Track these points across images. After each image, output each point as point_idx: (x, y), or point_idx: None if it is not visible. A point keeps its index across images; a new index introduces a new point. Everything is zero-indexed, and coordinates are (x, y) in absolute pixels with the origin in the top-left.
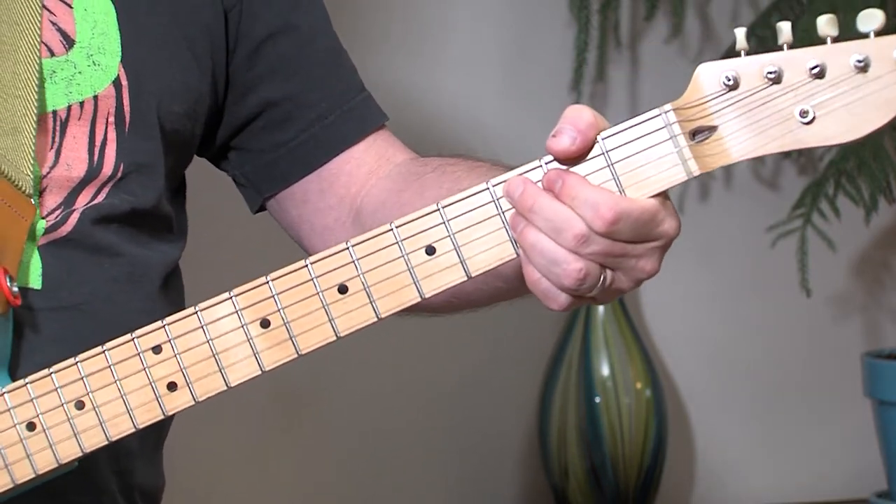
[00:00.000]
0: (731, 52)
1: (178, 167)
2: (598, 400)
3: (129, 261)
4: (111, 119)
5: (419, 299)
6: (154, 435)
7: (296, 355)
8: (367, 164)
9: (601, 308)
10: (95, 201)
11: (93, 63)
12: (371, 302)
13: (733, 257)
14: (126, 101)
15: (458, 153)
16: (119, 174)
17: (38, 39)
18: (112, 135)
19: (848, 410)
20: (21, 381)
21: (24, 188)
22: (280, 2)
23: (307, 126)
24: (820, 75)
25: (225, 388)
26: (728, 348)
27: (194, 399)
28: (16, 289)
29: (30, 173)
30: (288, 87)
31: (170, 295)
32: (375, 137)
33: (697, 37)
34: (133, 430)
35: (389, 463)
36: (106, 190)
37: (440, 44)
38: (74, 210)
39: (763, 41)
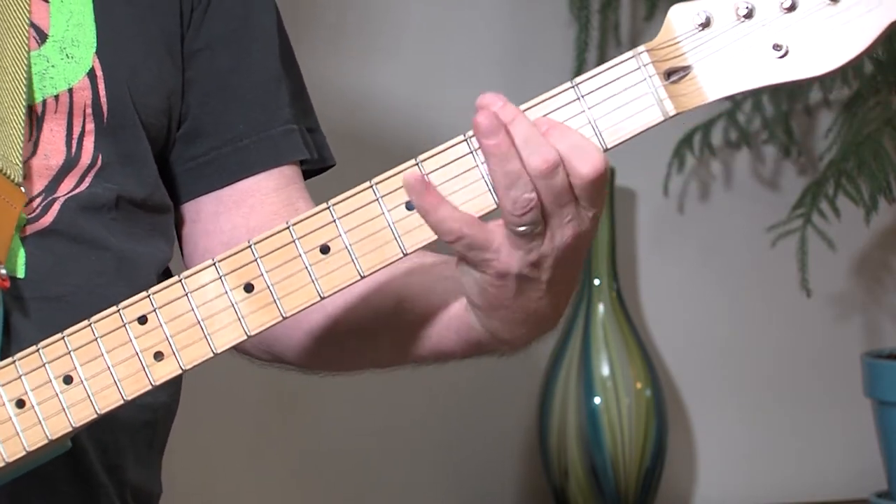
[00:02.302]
0: None
1: (160, 162)
2: (598, 400)
3: (116, 255)
4: (88, 111)
5: (401, 255)
6: (146, 432)
7: (280, 318)
8: (274, 204)
9: (601, 308)
10: (78, 190)
11: (66, 56)
12: (353, 260)
13: (733, 257)
14: (102, 92)
15: None
16: (99, 163)
17: (27, 33)
18: (90, 126)
19: (848, 410)
20: (9, 359)
21: (12, 177)
22: (231, 17)
23: (219, 145)
24: (792, 8)
25: (211, 354)
26: (728, 348)
27: (181, 367)
28: (3, 271)
29: (18, 162)
30: (210, 101)
31: None
32: (288, 181)
33: None
34: (121, 401)
35: (389, 463)
36: (89, 179)
37: (440, 44)
38: (56, 199)
39: None
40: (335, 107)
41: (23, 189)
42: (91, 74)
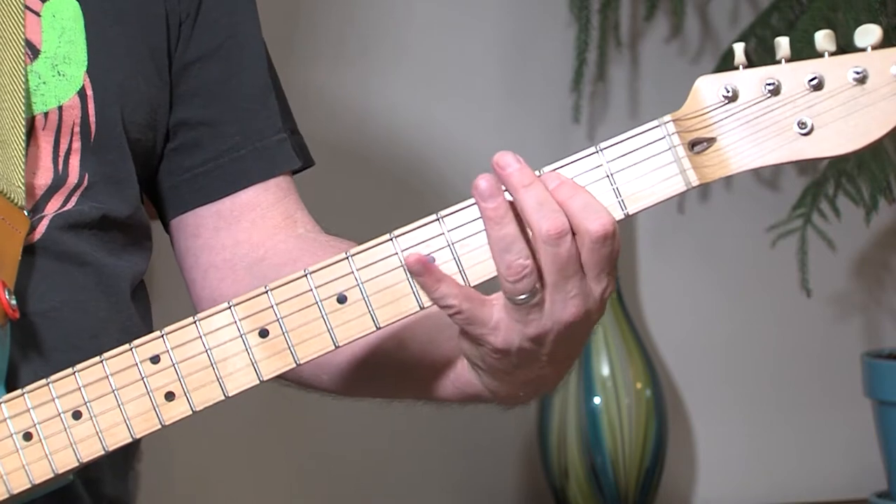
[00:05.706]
0: (732, 54)
1: (143, 177)
2: (598, 400)
3: (97, 269)
4: (76, 130)
5: (419, 309)
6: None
7: (294, 365)
8: (274, 218)
9: None
10: (65, 208)
11: (57, 73)
12: (370, 312)
13: (733, 257)
14: (91, 112)
15: (455, 154)
16: (85, 183)
17: (23, 50)
18: (77, 145)
19: (848, 410)
20: (19, 391)
21: (16, 201)
22: (219, 28)
23: (215, 156)
24: (818, 87)
25: (223, 397)
26: (728, 348)
27: (192, 409)
28: (14, 301)
29: (21, 185)
30: (205, 113)
31: (137, 306)
32: (285, 193)
33: (697, 37)
34: (130, 440)
35: (389, 463)
36: (75, 197)
37: (439, 44)
38: (44, 217)
39: (763, 41)
40: (332, 109)
41: (26, 212)
42: (81, 93)
